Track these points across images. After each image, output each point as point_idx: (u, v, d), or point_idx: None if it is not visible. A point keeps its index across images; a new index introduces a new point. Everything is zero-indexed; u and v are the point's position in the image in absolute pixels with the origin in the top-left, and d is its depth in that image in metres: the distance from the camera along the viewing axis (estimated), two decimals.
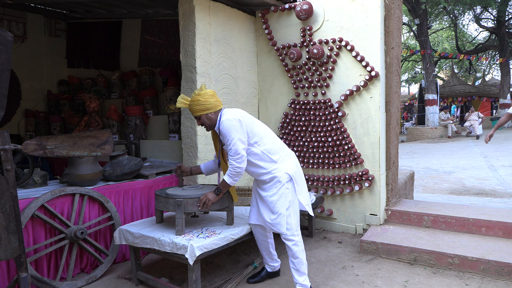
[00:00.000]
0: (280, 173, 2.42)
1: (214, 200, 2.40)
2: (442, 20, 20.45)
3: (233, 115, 2.35)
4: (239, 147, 2.30)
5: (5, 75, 1.90)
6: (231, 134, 2.29)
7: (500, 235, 3.14)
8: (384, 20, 3.52)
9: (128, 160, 3.27)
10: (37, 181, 3.08)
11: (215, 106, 2.40)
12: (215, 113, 2.41)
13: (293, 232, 2.45)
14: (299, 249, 2.45)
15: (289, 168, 2.45)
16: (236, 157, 2.30)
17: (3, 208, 1.90)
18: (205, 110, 2.37)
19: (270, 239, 2.68)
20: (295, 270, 2.46)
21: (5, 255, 1.93)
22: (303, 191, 2.55)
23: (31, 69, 5.67)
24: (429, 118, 14.44)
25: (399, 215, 3.57)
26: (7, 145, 1.97)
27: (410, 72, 26.58)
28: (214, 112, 2.40)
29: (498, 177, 6.47)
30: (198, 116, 2.41)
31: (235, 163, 2.31)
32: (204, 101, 2.36)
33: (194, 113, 2.41)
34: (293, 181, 2.46)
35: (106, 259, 2.94)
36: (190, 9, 3.33)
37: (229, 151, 2.31)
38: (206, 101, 2.37)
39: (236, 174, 2.34)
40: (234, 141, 2.30)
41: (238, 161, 2.31)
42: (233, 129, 2.30)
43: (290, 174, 2.44)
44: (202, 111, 2.37)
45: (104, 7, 4.66)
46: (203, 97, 2.37)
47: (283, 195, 2.42)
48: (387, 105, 3.62)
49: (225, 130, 2.30)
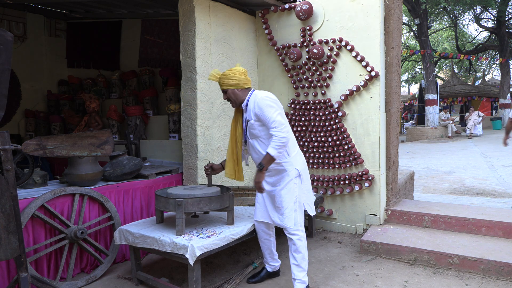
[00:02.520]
0: (290, 167, 2.45)
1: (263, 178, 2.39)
2: (442, 20, 20.45)
3: (270, 94, 2.44)
4: (282, 118, 2.35)
5: (5, 75, 1.91)
6: (272, 108, 2.35)
7: (500, 235, 3.14)
8: (384, 20, 3.52)
9: (128, 160, 3.27)
10: (37, 181, 3.08)
11: (243, 83, 2.47)
12: (242, 91, 2.48)
13: (298, 227, 2.48)
14: (302, 244, 2.48)
15: (298, 164, 2.50)
16: (281, 127, 2.31)
17: (3, 208, 1.90)
18: (232, 85, 2.45)
19: (272, 237, 2.69)
20: (296, 265, 2.47)
21: (5, 255, 1.93)
22: (308, 190, 2.58)
23: (31, 69, 5.67)
24: (429, 118, 14.44)
25: (399, 215, 3.57)
26: (7, 145, 1.97)
27: (410, 72, 26.59)
28: (241, 89, 2.47)
29: (498, 177, 6.47)
30: (225, 90, 2.49)
31: (280, 133, 2.30)
32: (233, 76, 2.44)
33: (221, 86, 2.49)
34: (300, 177, 2.49)
35: (106, 259, 2.94)
36: (190, 9, 3.33)
37: (272, 123, 2.32)
38: (235, 76, 2.44)
39: (281, 146, 2.31)
40: (276, 113, 2.34)
41: (283, 131, 2.31)
42: (273, 103, 2.38)
43: (299, 170, 2.48)
44: (229, 85, 2.45)
45: (104, 7, 4.66)
46: (233, 72, 2.46)
47: (291, 190, 2.44)
48: (387, 105, 3.62)
49: (265, 104, 2.35)
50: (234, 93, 2.47)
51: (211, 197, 2.51)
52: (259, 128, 2.44)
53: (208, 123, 3.49)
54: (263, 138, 2.44)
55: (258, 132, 2.45)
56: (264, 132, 2.43)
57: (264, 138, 2.44)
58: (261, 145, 2.47)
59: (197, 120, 3.37)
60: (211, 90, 3.52)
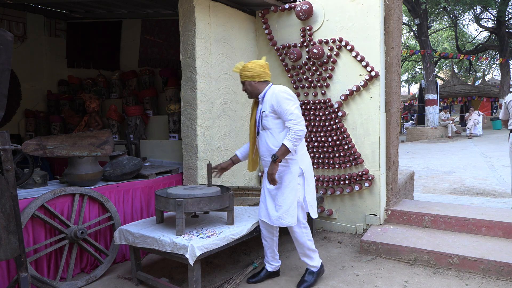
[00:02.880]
0: (295, 166, 2.48)
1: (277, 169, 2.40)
2: (442, 20, 20.45)
3: (288, 89, 2.51)
4: (299, 112, 2.41)
5: (5, 75, 1.91)
6: (290, 101, 2.41)
7: (500, 235, 3.13)
8: (384, 20, 3.52)
9: (128, 160, 3.27)
10: (37, 181, 3.08)
11: (260, 76, 2.52)
12: (259, 83, 2.53)
13: (300, 224, 2.55)
14: (305, 238, 2.59)
15: (303, 164, 2.53)
16: (298, 120, 2.36)
17: (3, 208, 1.90)
18: (249, 77, 2.51)
19: (275, 237, 2.71)
20: (304, 255, 2.65)
21: (5, 255, 1.93)
22: (311, 191, 2.60)
23: (31, 69, 5.67)
24: (429, 118, 14.44)
25: (399, 215, 3.57)
26: (7, 145, 1.97)
27: (410, 72, 26.59)
28: (258, 82, 2.52)
29: (498, 177, 6.47)
30: (242, 81, 2.56)
31: (297, 126, 2.34)
32: (250, 68, 2.51)
33: (240, 78, 2.57)
34: (304, 177, 2.52)
35: (106, 259, 2.94)
36: (190, 9, 3.33)
37: (290, 115, 2.37)
38: (252, 69, 2.51)
39: (297, 138, 2.35)
40: (294, 106, 2.40)
41: (300, 124, 2.36)
42: (291, 97, 2.44)
43: (303, 170, 2.51)
44: (247, 77, 2.52)
45: (104, 7, 4.66)
46: (251, 65, 2.52)
47: (294, 189, 2.48)
48: (387, 105, 3.62)
49: (283, 97, 2.41)
50: (250, 85, 2.53)
51: (211, 197, 2.51)
52: (272, 120, 2.47)
53: (208, 123, 3.49)
54: (273, 130, 2.48)
55: (270, 124, 2.48)
56: (276, 125, 2.47)
57: (274, 131, 2.48)
58: (269, 138, 2.50)
59: (197, 120, 3.37)
60: (211, 90, 3.53)
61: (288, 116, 2.38)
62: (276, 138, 2.47)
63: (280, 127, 2.48)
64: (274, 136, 2.48)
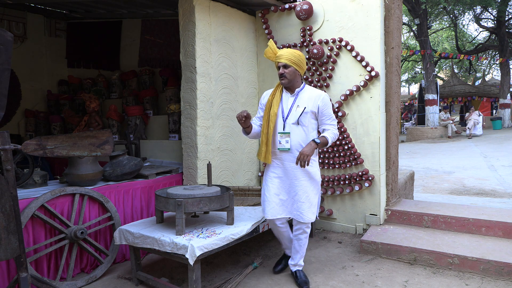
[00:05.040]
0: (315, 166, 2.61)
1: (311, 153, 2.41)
2: (442, 20, 20.44)
3: None
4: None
5: (5, 75, 1.91)
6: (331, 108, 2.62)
7: (500, 235, 3.13)
8: (384, 20, 3.52)
9: (128, 160, 3.27)
10: (37, 181, 3.08)
11: (303, 70, 2.55)
12: (300, 77, 2.56)
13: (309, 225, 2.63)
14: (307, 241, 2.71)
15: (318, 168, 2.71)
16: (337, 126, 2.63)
17: (3, 208, 1.90)
18: (297, 65, 2.49)
19: (287, 228, 2.76)
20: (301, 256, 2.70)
21: (5, 255, 1.93)
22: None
23: (31, 69, 5.67)
24: (429, 118, 14.43)
25: (399, 215, 3.56)
26: (7, 145, 1.97)
27: (410, 72, 26.58)
28: (299, 74, 2.54)
29: (498, 177, 6.47)
30: (288, 65, 2.48)
31: (337, 131, 2.59)
32: (302, 59, 2.52)
33: (285, 60, 2.47)
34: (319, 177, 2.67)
35: (106, 259, 2.94)
36: (190, 9, 3.33)
37: (333, 120, 2.57)
38: (302, 59, 2.52)
39: (334, 139, 2.56)
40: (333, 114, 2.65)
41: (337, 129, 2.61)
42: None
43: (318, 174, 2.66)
44: (295, 64, 2.48)
45: (104, 7, 4.66)
46: (301, 55, 2.52)
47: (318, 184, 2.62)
48: (387, 105, 3.62)
49: (330, 103, 2.60)
50: (295, 73, 2.51)
51: (211, 197, 2.51)
52: (309, 119, 2.52)
53: (208, 123, 3.49)
54: (307, 128, 2.52)
55: (307, 122, 2.51)
56: (311, 124, 2.53)
57: (308, 129, 2.53)
58: (302, 134, 2.52)
59: (197, 120, 3.37)
60: (211, 90, 3.53)
61: (331, 121, 2.57)
62: (308, 136, 2.53)
63: (312, 127, 2.56)
64: (307, 134, 2.53)
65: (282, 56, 2.48)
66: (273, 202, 2.59)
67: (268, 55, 2.53)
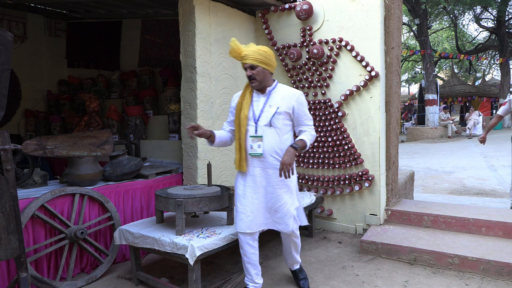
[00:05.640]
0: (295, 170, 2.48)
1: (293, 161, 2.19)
2: (442, 20, 20.45)
3: None
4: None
5: (5, 75, 1.91)
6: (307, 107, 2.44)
7: (500, 235, 3.13)
8: (384, 20, 3.52)
9: (128, 160, 3.27)
10: (37, 181, 3.08)
11: (273, 68, 2.34)
12: (270, 75, 2.34)
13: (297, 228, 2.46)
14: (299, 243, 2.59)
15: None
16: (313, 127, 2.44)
17: (3, 208, 1.90)
18: (265, 64, 2.26)
19: (257, 249, 2.43)
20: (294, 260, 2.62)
21: (5, 255, 1.93)
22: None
23: (31, 69, 5.67)
24: (429, 118, 14.44)
25: (399, 215, 3.56)
26: (7, 145, 1.97)
27: (410, 72, 26.58)
28: (269, 72, 2.32)
29: (498, 177, 6.47)
30: (255, 65, 2.24)
31: (314, 132, 2.42)
32: (269, 55, 2.28)
33: (251, 60, 2.23)
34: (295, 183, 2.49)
35: (106, 259, 2.94)
36: (190, 9, 3.33)
37: (309, 120, 2.40)
38: (270, 56, 2.29)
39: (312, 142, 2.38)
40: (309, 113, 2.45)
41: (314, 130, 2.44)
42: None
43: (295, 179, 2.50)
44: (263, 63, 2.25)
45: (104, 7, 4.66)
46: (269, 52, 2.29)
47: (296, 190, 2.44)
48: (387, 105, 3.62)
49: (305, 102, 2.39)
50: (264, 73, 2.27)
51: (211, 197, 2.51)
52: (282, 120, 2.31)
53: (208, 123, 3.49)
54: (280, 130, 2.31)
55: (280, 124, 2.30)
56: (284, 126, 2.32)
57: (281, 132, 2.31)
58: (275, 137, 2.30)
59: (197, 120, 3.37)
60: (211, 90, 3.53)
61: (307, 121, 2.38)
62: (281, 140, 2.31)
63: (286, 129, 2.35)
64: (280, 136, 2.31)
65: (247, 56, 2.24)
66: (245, 213, 2.33)
67: (233, 55, 2.29)
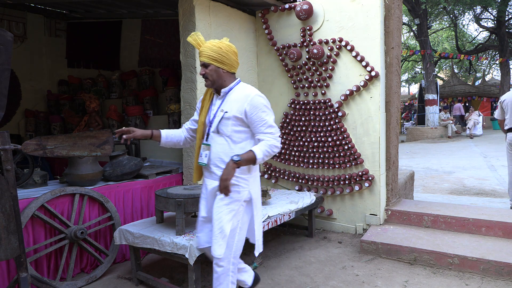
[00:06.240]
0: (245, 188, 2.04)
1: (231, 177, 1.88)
2: (442, 20, 20.44)
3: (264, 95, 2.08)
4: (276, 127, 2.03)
5: (5, 75, 1.91)
6: (270, 111, 2.02)
7: (500, 235, 3.13)
8: (384, 20, 3.51)
9: (128, 160, 3.27)
10: (37, 181, 3.08)
11: (231, 66, 2.04)
12: (227, 74, 2.05)
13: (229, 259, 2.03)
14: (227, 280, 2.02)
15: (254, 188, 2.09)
16: (277, 135, 2.00)
17: (3, 208, 1.90)
18: (219, 61, 2.00)
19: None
20: None
21: (5, 255, 1.93)
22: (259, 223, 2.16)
23: (31, 69, 5.67)
24: (429, 118, 14.44)
25: (399, 215, 3.56)
26: (7, 145, 1.97)
27: (410, 72, 26.57)
28: (226, 71, 2.04)
29: (498, 177, 6.47)
30: (207, 63, 2.01)
31: (275, 141, 1.98)
32: (224, 52, 2.00)
33: (204, 58, 2.00)
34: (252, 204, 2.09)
35: (106, 259, 2.94)
36: (190, 9, 3.33)
37: (268, 128, 1.98)
38: (226, 53, 2.01)
39: (270, 154, 1.97)
40: (272, 119, 2.01)
41: (278, 140, 2.00)
42: (269, 106, 2.03)
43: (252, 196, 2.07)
44: (215, 60, 2.00)
45: (104, 7, 4.66)
46: (225, 47, 2.01)
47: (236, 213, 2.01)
48: (387, 105, 3.62)
49: (262, 104, 1.99)
50: (217, 72, 2.01)
51: None
52: (232, 127, 2.00)
53: None
54: (230, 138, 2.01)
55: (228, 130, 2.01)
56: (235, 134, 2.01)
57: (231, 140, 2.01)
58: (224, 147, 2.02)
59: None
60: None
61: (265, 128, 1.97)
62: (232, 149, 2.00)
63: (239, 137, 2.02)
64: (229, 145, 2.01)
65: (201, 53, 2.02)
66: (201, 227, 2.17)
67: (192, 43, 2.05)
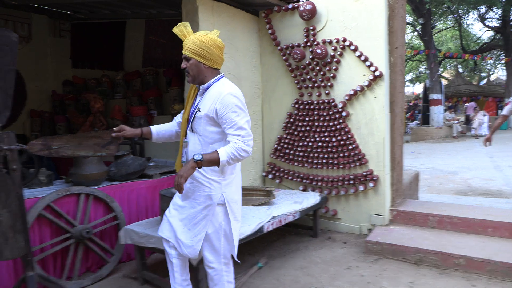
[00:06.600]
0: (217, 189, 1.96)
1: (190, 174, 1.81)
2: (447, 20, 20.31)
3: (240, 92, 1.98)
4: (249, 129, 1.90)
5: (11, 75, 1.92)
6: (242, 111, 1.90)
7: (507, 236, 3.11)
8: (388, 20, 3.50)
9: (132, 160, 3.28)
10: (42, 181, 3.10)
11: (214, 61, 1.95)
12: (209, 70, 1.96)
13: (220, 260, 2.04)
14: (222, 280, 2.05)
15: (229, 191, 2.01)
16: (247, 138, 1.86)
17: (10, 208, 1.91)
18: (200, 56, 1.91)
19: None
20: None
21: (11, 254, 1.94)
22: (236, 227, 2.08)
23: (36, 69, 5.70)
24: (433, 118, 14.36)
25: (404, 215, 3.55)
26: (13, 145, 1.98)
27: (414, 72, 26.43)
28: (208, 67, 1.95)
29: (504, 177, 6.42)
30: (189, 57, 1.94)
31: (244, 145, 1.84)
32: (206, 46, 1.90)
33: (186, 51, 1.94)
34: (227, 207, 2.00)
35: (112, 259, 2.95)
36: (194, 10, 3.34)
37: (238, 130, 1.86)
38: (208, 48, 1.91)
39: (236, 159, 1.84)
40: (244, 120, 1.88)
41: (248, 144, 1.86)
42: (243, 106, 1.91)
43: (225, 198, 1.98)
44: (196, 54, 1.91)
45: (108, 8, 4.68)
46: (208, 42, 1.91)
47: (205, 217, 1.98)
48: (392, 105, 3.60)
49: (233, 104, 1.87)
50: (198, 67, 1.94)
51: None
52: (205, 126, 1.94)
53: None
54: (202, 138, 1.96)
55: (201, 130, 1.95)
56: (208, 134, 1.95)
57: (204, 140, 1.96)
58: (196, 146, 1.97)
59: None
60: None
61: (234, 130, 1.85)
62: (204, 149, 1.94)
63: (213, 137, 1.95)
64: (202, 145, 1.95)
65: (184, 46, 1.94)
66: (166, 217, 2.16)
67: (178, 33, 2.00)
